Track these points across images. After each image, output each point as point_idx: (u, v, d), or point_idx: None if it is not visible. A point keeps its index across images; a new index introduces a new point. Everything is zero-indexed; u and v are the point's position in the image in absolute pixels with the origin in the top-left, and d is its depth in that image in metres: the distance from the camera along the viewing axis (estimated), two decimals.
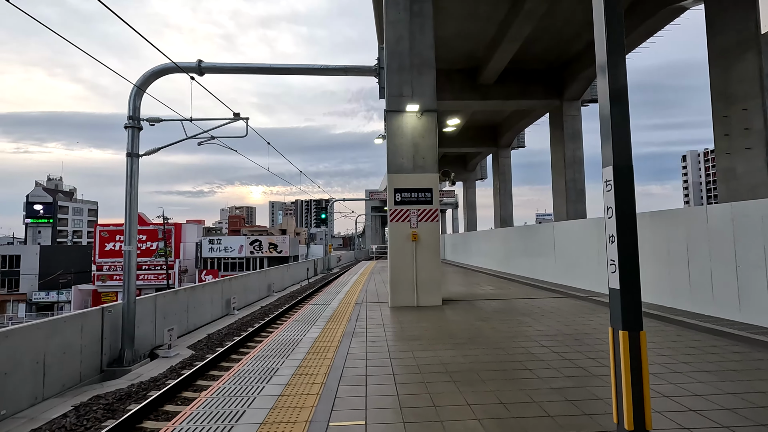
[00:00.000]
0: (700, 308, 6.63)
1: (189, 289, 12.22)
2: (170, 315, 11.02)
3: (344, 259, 54.40)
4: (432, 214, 8.82)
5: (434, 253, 8.75)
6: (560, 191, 19.20)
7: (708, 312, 6.46)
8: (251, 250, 54.65)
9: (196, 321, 12.50)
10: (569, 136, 18.87)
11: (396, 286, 8.68)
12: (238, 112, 9.28)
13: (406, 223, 8.77)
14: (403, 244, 8.71)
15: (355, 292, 11.34)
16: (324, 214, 35.41)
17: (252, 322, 13.05)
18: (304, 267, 28.75)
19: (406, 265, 8.69)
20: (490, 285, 12.48)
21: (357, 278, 16.17)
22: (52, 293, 53.30)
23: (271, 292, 20.23)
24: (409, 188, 8.84)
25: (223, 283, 14.77)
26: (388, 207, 8.85)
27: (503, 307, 8.39)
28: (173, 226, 53.05)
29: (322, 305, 9.17)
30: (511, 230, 17.40)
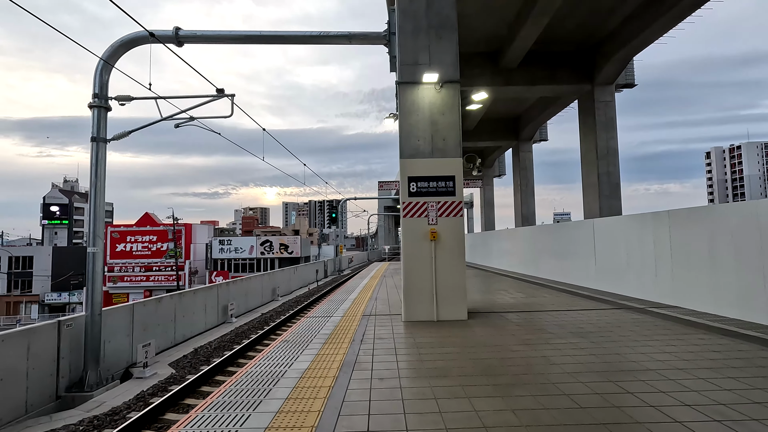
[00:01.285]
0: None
1: (176, 296, 10.85)
2: (152, 326, 9.65)
3: (356, 260, 53.00)
4: (455, 207, 7.22)
5: (458, 256, 7.15)
6: (591, 186, 17.35)
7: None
8: (262, 251, 53.71)
9: (185, 332, 11.13)
10: (602, 125, 17.01)
11: (411, 296, 7.11)
12: (222, 88, 7.85)
13: (422, 218, 7.19)
14: (420, 245, 7.13)
15: (363, 300, 9.80)
16: (334, 214, 34.05)
17: (248, 332, 11.63)
18: (313, 269, 27.36)
19: (422, 270, 7.11)
20: (520, 292, 10.79)
21: (367, 282, 14.63)
22: (65, 294, 53.11)
23: (276, 296, 18.86)
24: (427, 176, 7.25)
25: (219, 288, 13.40)
26: (401, 199, 7.28)
27: (544, 322, 6.74)
28: (183, 226, 52.40)
29: (322, 318, 7.65)
30: (539, 229, 15.65)
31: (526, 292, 10.59)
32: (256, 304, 16.68)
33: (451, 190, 7.25)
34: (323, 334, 6.23)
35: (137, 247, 51.23)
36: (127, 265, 50.78)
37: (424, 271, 7.11)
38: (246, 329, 12.03)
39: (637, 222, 8.85)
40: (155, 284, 50.31)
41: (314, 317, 7.77)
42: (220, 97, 7.92)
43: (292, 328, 6.64)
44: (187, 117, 7.82)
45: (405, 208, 7.23)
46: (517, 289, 11.45)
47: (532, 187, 25.97)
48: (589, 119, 17.42)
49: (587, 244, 11.01)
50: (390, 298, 10.01)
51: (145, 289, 49.85)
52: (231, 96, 8.07)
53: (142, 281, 50.52)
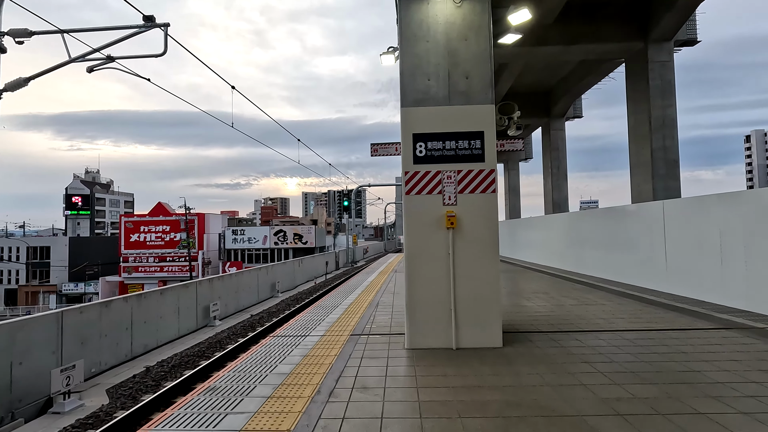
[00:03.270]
0: None
1: (134, 299, 8.85)
2: (94, 339, 7.66)
3: (371, 251, 50.97)
4: (485, 179, 4.83)
5: (489, 253, 4.77)
6: (643, 164, 14.51)
7: None
8: (275, 241, 52.23)
9: (148, 341, 9.16)
10: (657, 90, 14.10)
11: (417, 313, 4.79)
12: (150, 15, 5.63)
13: (434, 196, 4.83)
14: (430, 236, 4.79)
15: (360, 306, 7.54)
16: (346, 202, 31.85)
17: (225, 342, 9.56)
18: (322, 260, 25.33)
19: (434, 274, 4.77)
20: (564, 295, 8.32)
21: (374, 278, 12.37)
22: (81, 284, 53.04)
23: (275, 292, 16.86)
24: (442, 133, 4.87)
25: (198, 285, 11.39)
26: (403, 168, 4.92)
27: (625, 352, 4.32)
28: (196, 216, 51.28)
29: (293, 338, 5.43)
30: (582, 215, 12.99)
31: (573, 296, 8.12)
32: (251, 301, 14.69)
33: (478, 154, 4.84)
34: (279, 374, 3.98)
35: (151, 237, 50.45)
36: (141, 255, 50.10)
37: (436, 274, 4.76)
38: (225, 336, 9.99)
39: (741, 203, 6.24)
40: (169, 275, 49.52)
41: (283, 336, 5.55)
42: (148, 28, 5.69)
43: (234, 364, 4.42)
44: (103, 57, 5.68)
45: (408, 182, 4.88)
46: (559, 290, 8.97)
47: (565, 169, 23.08)
48: (639, 84, 14.52)
49: (653, 234, 8.43)
50: (395, 303, 7.72)
51: (159, 280, 49.11)
52: (164, 26, 5.81)
53: (156, 272, 49.82)
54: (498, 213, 4.84)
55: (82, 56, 5.63)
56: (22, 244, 53.00)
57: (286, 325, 6.32)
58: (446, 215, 4.75)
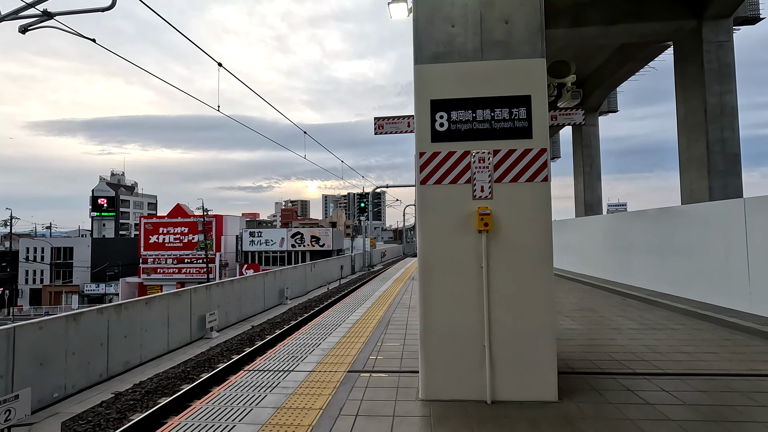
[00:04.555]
0: None
1: (111, 309, 7.76)
2: (56, 359, 6.57)
3: (389, 254, 49.59)
4: (532, 162, 3.44)
5: (539, 265, 3.37)
6: (696, 159, 12.71)
7: None
8: (293, 243, 51.53)
9: (129, 357, 8.06)
10: (713, 74, 12.31)
11: (435, 347, 3.42)
12: None
13: (460, 187, 3.48)
14: (454, 241, 3.44)
15: (367, 327, 6.21)
16: (363, 203, 30.64)
17: (216, 359, 8.39)
18: (336, 264, 24.12)
19: (459, 294, 3.40)
20: (618, 314, 6.77)
21: (388, 287, 11.04)
22: (103, 285, 53.54)
23: (284, 299, 15.71)
24: (471, 98, 3.51)
25: (193, 293, 10.29)
26: (417, 148, 3.57)
27: (760, 424, 2.86)
28: (214, 217, 51.06)
29: (273, 373, 4.15)
30: (626, 217, 11.32)
31: (629, 316, 6.57)
32: (256, 309, 13.56)
33: (524, 127, 3.46)
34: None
35: (169, 239, 50.43)
36: (159, 257, 50.11)
37: (462, 294, 3.40)
38: (219, 352, 8.82)
39: None
40: (187, 276, 49.36)
41: (262, 370, 4.27)
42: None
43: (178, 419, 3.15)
44: (38, 14, 4.60)
45: (423, 167, 3.53)
46: (608, 307, 7.41)
47: (599, 168, 21.19)
48: (692, 69, 12.75)
49: (728, 240, 6.82)
50: (410, 322, 6.36)
51: (177, 282, 49.00)
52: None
53: (174, 273, 49.73)
54: (551, 210, 3.43)
55: (13, 13, 4.55)
56: (47, 244, 53.90)
57: (274, 351, 5.05)
58: (478, 213, 3.37)
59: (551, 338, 3.33)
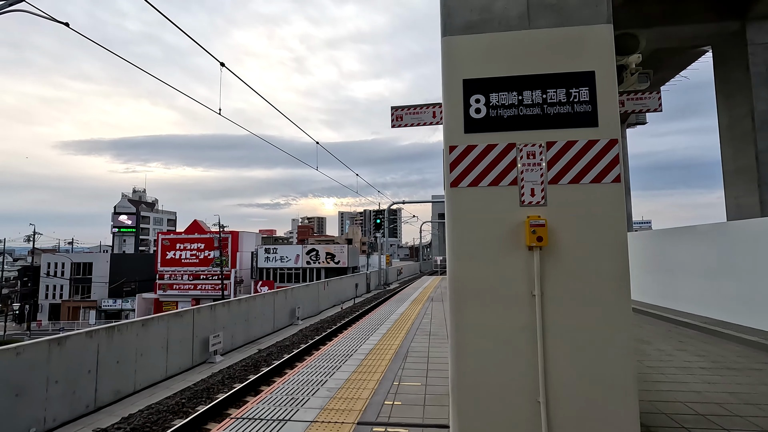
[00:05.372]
0: None
1: (102, 332, 7.10)
2: (35, 388, 5.88)
3: (406, 272, 48.46)
4: (599, 157, 2.62)
5: (613, 294, 2.51)
6: (743, 171, 11.62)
7: None
8: (308, 260, 51.01)
9: (121, 386, 7.36)
10: (761, 78, 11.30)
11: (472, 404, 2.56)
12: None
13: (503, 190, 2.67)
14: (495, 260, 2.62)
15: (381, 359, 5.35)
16: (379, 220, 29.93)
17: (216, 388, 7.61)
18: (351, 282, 23.29)
19: (504, 332, 2.55)
20: (679, 348, 5.74)
21: (405, 310, 10.16)
22: (119, 301, 53.79)
23: (295, 319, 14.92)
24: (516, 77, 2.73)
25: (196, 314, 9.61)
26: (445, 141, 2.79)
27: None
28: (230, 234, 51.09)
29: (267, 423, 3.34)
30: (669, 234, 10.19)
31: (693, 350, 5.54)
32: (265, 331, 12.79)
33: (586, 111, 2.66)
34: None
35: (186, 255, 50.50)
36: (176, 272, 50.13)
37: (508, 333, 2.56)
38: (220, 380, 8.04)
39: None
40: (202, 293, 49.19)
41: (254, 419, 3.47)
42: None
43: None
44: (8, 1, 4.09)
45: (454, 164, 2.74)
46: (662, 337, 6.36)
47: (628, 183, 20.06)
48: (735, 73, 11.76)
49: None
50: (432, 354, 5.47)
51: (193, 298, 48.82)
52: None
53: (189, 290, 49.60)
54: (626, 219, 2.60)
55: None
56: (67, 260, 54.66)
57: (271, 389, 4.25)
58: (528, 224, 2.56)
59: (631, 393, 2.45)
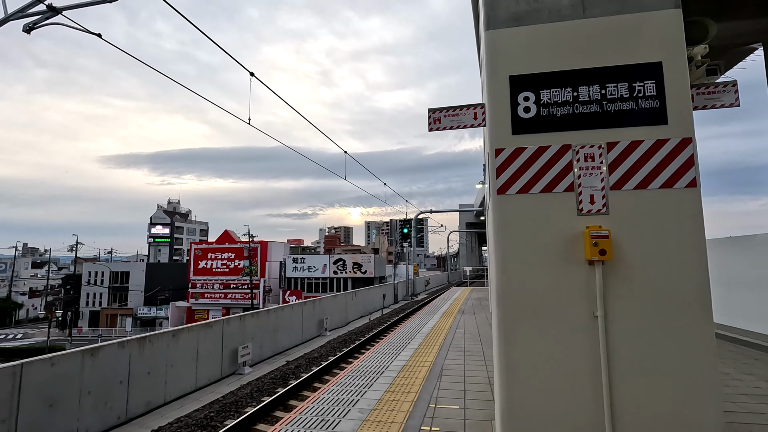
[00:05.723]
0: None
1: (134, 343, 7.11)
2: (68, 399, 5.90)
3: (434, 282, 47.76)
4: (670, 159, 2.29)
5: (692, 317, 2.15)
6: None
7: None
8: (335, 270, 51.15)
9: (152, 397, 7.35)
10: None
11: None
12: None
13: (558, 197, 2.38)
14: (549, 276, 2.32)
15: (413, 377, 5.05)
16: (406, 229, 29.61)
17: (245, 401, 7.48)
18: (378, 293, 23.02)
19: (561, 358, 2.23)
20: (747, 371, 5.18)
21: (436, 323, 9.82)
22: (154, 309, 55.41)
23: (323, 330, 14.78)
24: (570, 71, 2.45)
25: (225, 324, 9.58)
26: (490, 144, 2.53)
27: None
28: (259, 244, 51.94)
29: None
30: (722, 244, 9.47)
31: (764, 375, 4.97)
32: (293, 342, 12.68)
33: (653, 108, 2.35)
34: None
35: (217, 264, 51.63)
36: (207, 281, 51.27)
37: (565, 362, 2.24)
38: (247, 393, 7.92)
39: None
40: (232, 302, 50.09)
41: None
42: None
43: None
44: (43, 11, 4.13)
45: (501, 169, 2.47)
46: (728, 360, 5.77)
47: None
48: None
49: None
50: (468, 373, 5.12)
51: (223, 307, 49.77)
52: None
53: (220, 298, 50.60)
54: (704, 229, 2.25)
55: (20, 10, 4.13)
56: (106, 268, 56.92)
57: (301, 409, 4.04)
58: (587, 235, 2.25)
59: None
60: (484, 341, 7.25)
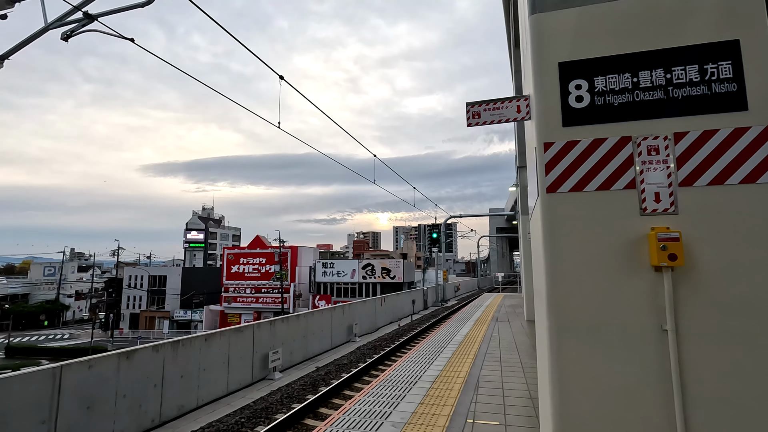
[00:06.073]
0: None
1: (167, 347, 7.18)
2: (105, 401, 5.99)
3: (464, 288, 46.93)
4: (752, 148, 1.99)
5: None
6: None
7: None
8: (363, 275, 51.17)
9: (184, 401, 7.38)
10: None
11: None
12: None
13: (617, 195, 2.12)
14: (609, 289, 2.06)
15: (447, 391, 4.80)
16: (435, 234, 29.20)
17: (275, 408, 7.41)
18: (408, 299, 22.74)
19: (624, 386, 1.96)
20: None
21: (469, 330, 9.49)
22: (189, 312, 57.07)
23: (352, 336, 14.66)
24: (630, 54, 2.19)
25: (256, 329, 9.60)
26: (538, 137, 2.29)
27: None
28: (289, 249, 52.72)
29: None
30: None
31: None
32: (323, 347, 12.62)
33: (729, 92, 2.05)
34: None
35: (248, 269, 52.68)
36: (239, 286, 52.37)
37: (630, 387, 1.96)
38: (277, 399, 7.86)
39: None
40: (264, 306, 50.92)
41: None
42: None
43: None
44: (79, 18, 4.20)
45: (550, 165, 2.23)
46: None
47: None
48: None
49: None
50: (506, 385, 4.82)
51: (255, 311, 50.69)
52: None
53: (252, 303, 51.53)
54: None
55: (59, 19, 4.22)
56: (145, 273, 59.18)
57: (330, 422, 3.87)
58: (654, 237, 1.98)
59: None
60: (521, 351, 6.90)
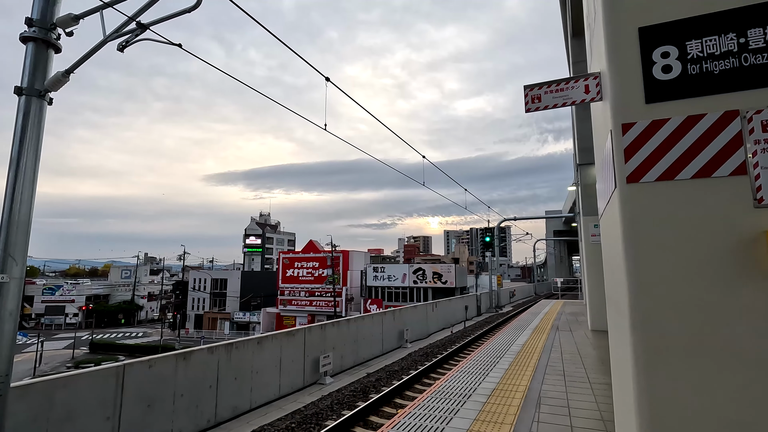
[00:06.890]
0: None
1: (221, 349, 7.33)
2: (164, 400, 6.20)
3: (519, 294, 45.02)
4: None
5: None
6: None
7: None
8: (414, 280, 50.78)
9: (238, 402, 7.51)
10: None
11: None
12: None
13: (717, 184, 1.72)
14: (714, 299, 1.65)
15: (506, 406, 4.40)
16: (488, 237, 28.22)
17: (325, 413, 7.31)
18: (460, 304, 22.09)
19: (739, 420, 1.54)
20: None
21: (526, 339, 8.90)
22: (248, 314, 59.61)
23: (404, 341, 14.40)
24: (731, 11, 1.77)
25: (307, 333, 9.62)
26: (614, 117, 1.93)
27: None
28: (341, 253, 53.57)
29: None
30: None
31: None
32: (374, 353, 12.47)
33: None
34: None
35: (302, 273, 54.14)
36: (294, 289, 53.92)
37: (748, 422, 1.55)
38: (327, 405, 7.77)
39: None
40: (317, 309, 52.05)
41: None
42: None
43: None
44: (133, 29, 4.32)
45: (631, 149, 1.86)
46: None
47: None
48: None
49: None
50: (573, 406, 4.34)
51: (309, 314, 51.94)
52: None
53: (306, 306, 52.86)
54: None
55: (115, 31, 4.40)
56: (208, 276, 62.70)
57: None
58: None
59: None
60: (587, 364, 6.29)
